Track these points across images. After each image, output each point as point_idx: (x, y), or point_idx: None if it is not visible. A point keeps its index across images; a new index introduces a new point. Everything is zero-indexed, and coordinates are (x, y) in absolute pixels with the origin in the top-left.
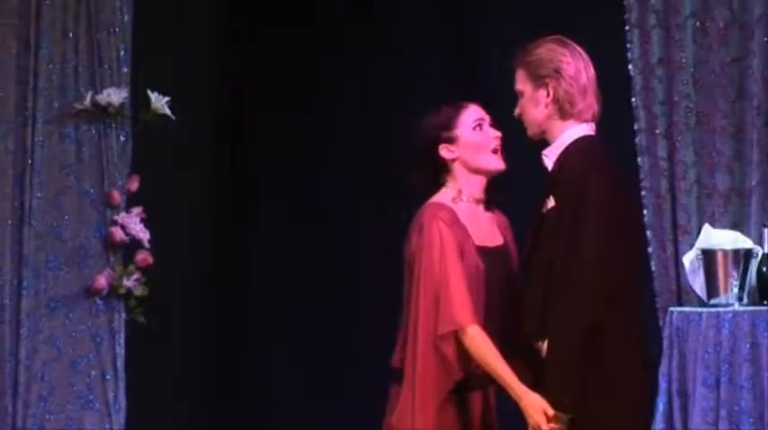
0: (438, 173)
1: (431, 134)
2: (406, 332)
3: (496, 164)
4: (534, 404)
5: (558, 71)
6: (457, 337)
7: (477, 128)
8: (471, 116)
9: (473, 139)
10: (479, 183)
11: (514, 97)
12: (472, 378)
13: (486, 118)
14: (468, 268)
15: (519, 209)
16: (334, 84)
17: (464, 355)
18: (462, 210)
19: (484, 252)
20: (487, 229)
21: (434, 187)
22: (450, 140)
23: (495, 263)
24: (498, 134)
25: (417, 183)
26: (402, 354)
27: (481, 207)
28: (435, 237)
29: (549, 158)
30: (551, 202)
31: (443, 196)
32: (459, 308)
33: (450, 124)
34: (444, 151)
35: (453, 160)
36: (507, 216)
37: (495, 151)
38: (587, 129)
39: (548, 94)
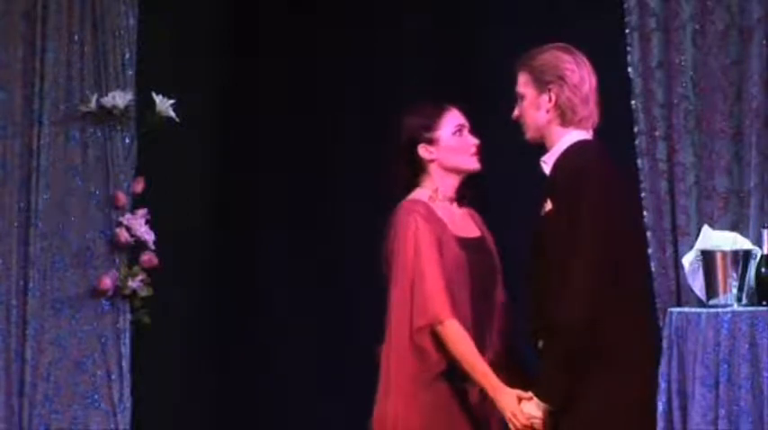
0: (414, 172)
1: (411, 133)
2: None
3: (473, 164)
4: (509, 399)
5: (561, 78)
6: (433, 330)
7: (458, 133)
8: (453, 121)
9: (452, 143)
10: (453, 181)
11: (513, 99)
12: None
13: (467, 124)
14: (448, 259)
15: (519, 210)
16: (335, 84)
17: (443, 347)
18: (438, 208)
19: (464, 242)
20: (464, 223)
21: (410, 186)
22: (430, 141)
23: (477, 252)
24: (476, 142)
25: (393, 181)
26: None
27: (455, 204)
28: (410, 231)
29: (548, 164)
30: (549, 205)
31: (420, 195)
32: (435, 301)
33: (431, 125)
34: (423, 151)
35: (431, 161)
36: (505, 216)
37: (473, 154)
38: (585, 134)
39: (550, 100)
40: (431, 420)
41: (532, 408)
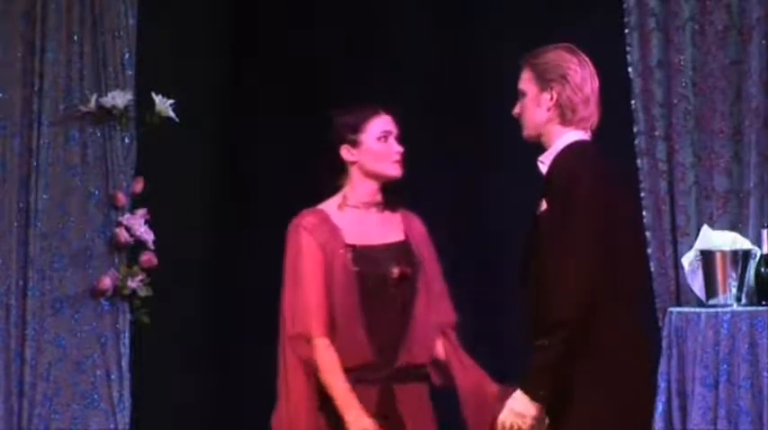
0: (337, 172)
1: (336, 133)
2: None
3: (393, 171)
4: (359, 423)
5: (564, 77)
6: (306, 340)
7: (382, 139)
8: (379, 126)
9: (375, 148)
10: (372, 186)
11: (512, 101)
12: (362, 373)
13: (394, 131)
14: (335, 268)
15: (518, 209)
16: (335, 84)
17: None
18: (345, 215)
19: (361, 250)
20: (378, 229)
21: (333, 188)
22: (353, 143)
23: (387, 259)
24: (400, 149)
25: (319, 181)
26: None
27: (373, 209)
28: (293, 244)
29: (545, 164)
30: (544, 205)
31: (329, 203)
32: (307, 316)
33: (356, 127)
34: (345, 152)
35: (352, 163)
36: (502, 216)
37: (394, 161)
38: (582, 135)
39: (551, 98)
40: (327, 423)
41: (525, 406)
